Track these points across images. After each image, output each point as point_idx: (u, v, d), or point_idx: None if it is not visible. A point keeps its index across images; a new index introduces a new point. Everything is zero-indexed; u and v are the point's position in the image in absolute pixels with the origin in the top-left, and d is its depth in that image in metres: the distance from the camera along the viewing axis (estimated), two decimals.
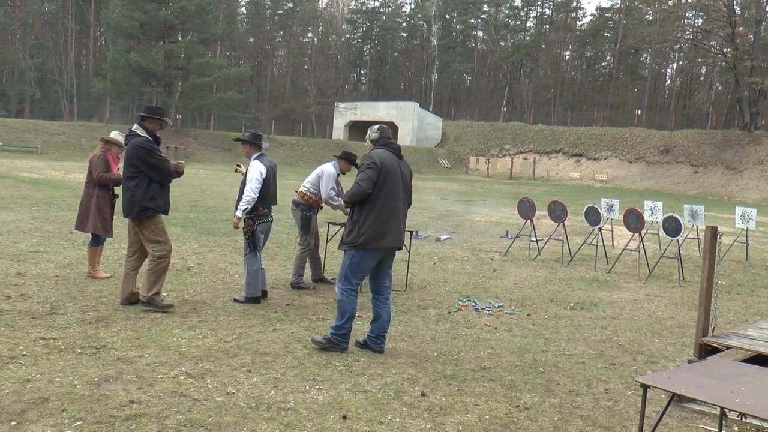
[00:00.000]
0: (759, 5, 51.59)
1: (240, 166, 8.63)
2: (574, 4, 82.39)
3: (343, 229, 7.25)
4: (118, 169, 8.92)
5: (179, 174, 7.49)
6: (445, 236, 15.76)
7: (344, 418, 4.57)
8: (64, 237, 11.69)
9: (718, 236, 5.52)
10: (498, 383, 5.56)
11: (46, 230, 12.33)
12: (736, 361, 4.56)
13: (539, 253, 13.63)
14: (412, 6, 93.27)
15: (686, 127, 55.29)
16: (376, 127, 6.68)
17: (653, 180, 47.02)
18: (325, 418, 4.55)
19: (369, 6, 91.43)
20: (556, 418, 4.84)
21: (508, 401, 5.14)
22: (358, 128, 63.13)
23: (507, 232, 17.14)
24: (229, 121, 62.39)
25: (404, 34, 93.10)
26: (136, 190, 7.18)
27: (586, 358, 6.57)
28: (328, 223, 10.19)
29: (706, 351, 5.50)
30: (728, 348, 5.52)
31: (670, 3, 65.03)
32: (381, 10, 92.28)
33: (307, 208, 9.04)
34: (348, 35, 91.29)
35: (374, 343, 6.28)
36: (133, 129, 7.37)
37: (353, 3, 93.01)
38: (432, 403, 4.98)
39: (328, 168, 8.97)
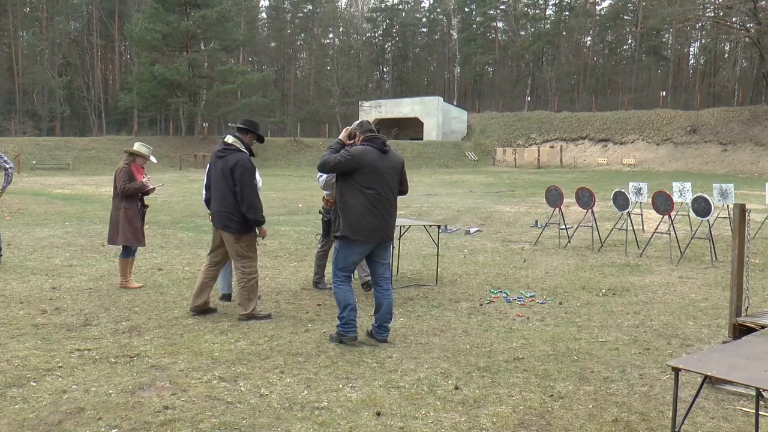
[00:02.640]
0: None
1: None
2: None
3: None
4: (145, 177, 9.01)
5: None
6: (475, 229, 15.71)
7: (378, 414, 4.57)
8: (97, 250, 11.84)
9: (747, 214, 5.42)
10: (531, 373, 5.53)
11: (79, 244, 12.51)
12: None
13: (569, 241, 13.53)
14: (431, 1, 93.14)
15: (712, 106, 54.45)
16: (356, 123, 6.71)
17: (682, 161, 46.42)
18: (359, 416, 4.56)
19: (388, 3, 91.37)
20: (590, 406, 4.80)
21: (542, 391, 5.10)
22: (383, 126, 63.11)
23: (537, 221, 17.03)
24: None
25: (424, 30, 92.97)
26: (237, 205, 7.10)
27: (619, 344, 6.51)
28: None
29: (740, 331, 5.41)
30: (763, 327, 5.43)
31: None
32: (400, 6, 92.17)
33: (326, 212, 8.59)
34: (369, 34, 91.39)
35: (377, 333, 6.44)
36: (229, 141, 7.26)
37: (372, 1, 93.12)
38: (466, 395, 4.97)
39: None
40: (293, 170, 43.87)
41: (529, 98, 70.85)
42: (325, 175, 7.71)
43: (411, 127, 62.01)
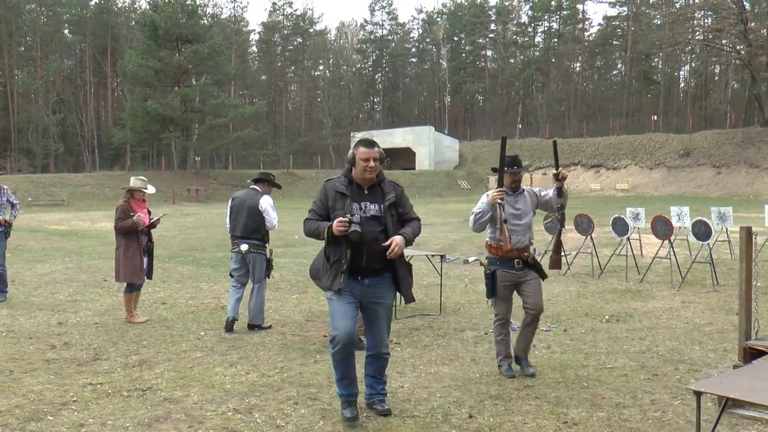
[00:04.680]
0: None
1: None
2: (581, 15, 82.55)
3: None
4: (148, 212, 9.01)
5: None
6: (473, 258, 15.78)
7: None
8: (99, 285, 11.86)
9: (754, 236, 5.52)
10: (543, 400, 5.57)
11: (81, 279, 12.53)
12: None
13: (569, 268, 13.59)
14: (420, 31, 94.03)
15: (704, 129, 54.97)
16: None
17: (675, 185, 46.72)
18: None
19: (377, 34, 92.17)
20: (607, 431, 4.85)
21: (555, 418, 5.14)
22: None
23: (535, 248, 17.08)
24: (247, 159, 62.96)
25: (414, 60, 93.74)
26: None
27: (627, 370, 6.55)
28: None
29: (751, 355, 5.48)
30: None
31: (677, 5, 65.07)
32: (389, 37, 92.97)
33: (491, 261, 8.11)
34: (359, 65, 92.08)
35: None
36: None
37: (362, 33, 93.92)
38: (481, 424, 5.00)
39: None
40: (287, 202, 43.85)
41: (520, 125, 71.31)
42: (478, 209, 6.18)
43: (403, 157, 62.31)
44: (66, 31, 79.69)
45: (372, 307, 5.15)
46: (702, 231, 11.41)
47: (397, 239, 4.94)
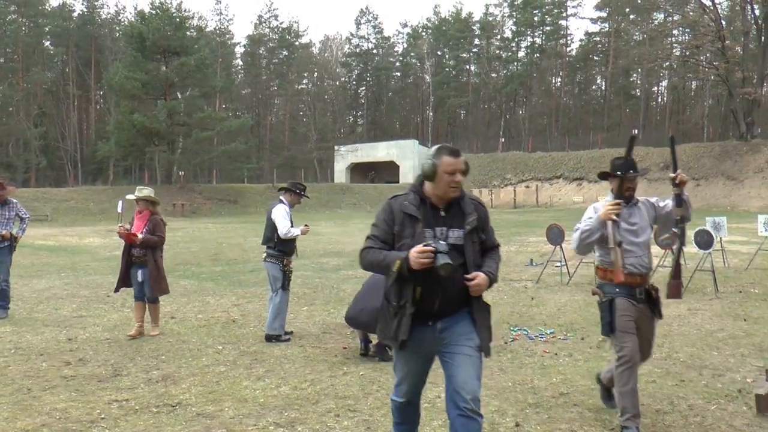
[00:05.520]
0: (745, 17, 52.32)
1: None
2: (563, 31, 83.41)
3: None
4: (147, 224, 8.77)
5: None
6: None
7: None
8: (103, 300, 11.71)
9: None
10: (583, 408, 5.56)
11: (83, 295, 12.36)
12: None
13: (570, 278, 13.63)
14: (405, 45, 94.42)
15: (683, 143, 55.52)
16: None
17: (657, 197, 46.98)
18: None
19: (362, 48, 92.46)
20: None
21: (602, 425, 5.14)
22: (359, 170, 63.51)
23: (531, 260, 17.17)
24: (231, 173, 62.75)
25: (398, 74, 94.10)
26: None
27: (654, 376, 6.57)
28: None
29: None
30: None
31: (657, 22, 66.01)
32: (374, 51, 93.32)
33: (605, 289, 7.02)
34: (343, 78, 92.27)
35: None
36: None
37: (347, 47, 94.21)
38: (528, 431, 4.98)
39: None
40: None
41: (503, 139, 71.68)
42: (586, 227, 5.04)
43: (387, 171, 62.43)
44: (48, 43, 79.04)
45: (451, 354, 3.94)
46: (704, 240, 11.54)
47: (483, 277, 3.86)
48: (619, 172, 5.09)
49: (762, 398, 5.33)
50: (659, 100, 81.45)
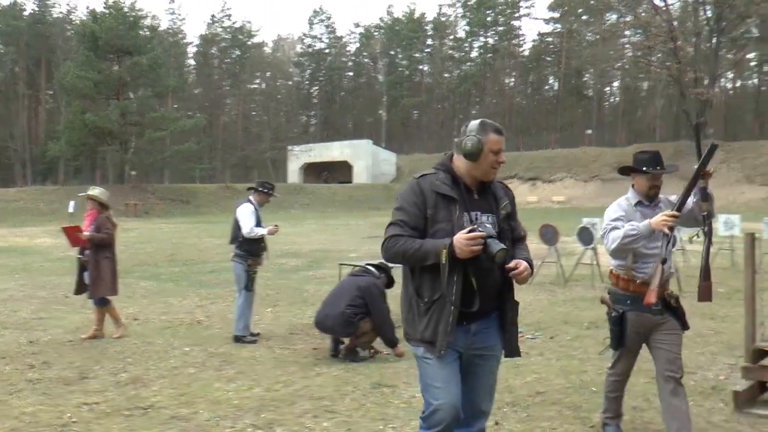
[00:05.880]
0: (697, 18, 53.49)
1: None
2: (516, 31, 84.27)
3: None
4: (92, 224, 8.58)
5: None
6: None
7: None
8: (62, 302, 11.41)
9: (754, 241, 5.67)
10: (561, 406, 5.59)
11: (41, 296, 12.06)
12: None
13: (533, 278, 13.73)
14: (358, 45, 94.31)
15: (635, 142, 56.54)
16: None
17: (610, 197, 46.59)
18: None
19: (315, 48, 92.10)
20: None
21: (581, 423, 5.18)
22: (313, 170, 63.26)
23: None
24: (184, 173, 61.99)
25: (351, 74, 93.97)
26: None
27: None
28: None
29: (758, 356, 5.65)
30: None
31: (609, 23, 67.11)
32: (327, 51, 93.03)
33: (616, 299, 6.44)
34: (296, 78, 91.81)
35: None
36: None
37: (299, 46, 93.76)
38: (511, 431, 4.99)
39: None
40: (227, 217, 43.07)
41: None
42: (632, 231, 4.43)
43: (340, 171, 62.30)
44: None
45: (477, 362, 3.58)
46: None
47: (526, 265, 3.46)
48: (645, 168, 4.62)
49: (739, 394, 5.42)
50: (612, 100, 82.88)
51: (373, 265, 8.05)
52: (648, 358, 7.20)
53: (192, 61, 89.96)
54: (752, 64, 66.43)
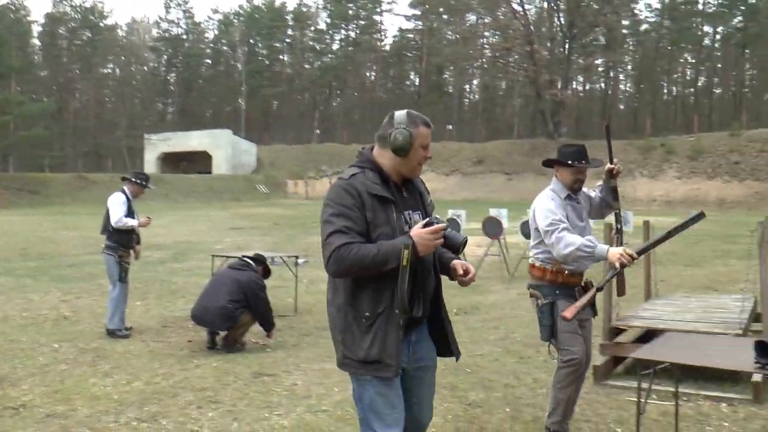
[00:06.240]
0: (552, 24, 56.17)
1: None
2: (378, 26, 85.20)
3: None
4: None
5: None
6: (303, 260, 15.89)
7: None
8: None
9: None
10: (439, 386, 5.83)
11: None
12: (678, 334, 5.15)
13: None
14: (216, 32, 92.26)
15: (494, 139, 58.67)
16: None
17: (470, 190, 49.49)
18: None
19: (172, 33, 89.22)
20: (508, 410, 5.26)
21: (458, 401, 5.47)
22: (171, 160, 61.49)
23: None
24: (31, 161, 58.69)
25: (209, 61, 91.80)
26: None
27: (497, 355, 7.04)
28: None
29: (614, 333, 6.20)
30: (631, 327, 6.31)
31: (469, 24, 69.24)
32: (184, 36, 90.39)
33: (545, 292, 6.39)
34: (152, 64, 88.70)
35: None
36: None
37: (155, 31, 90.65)
38: None
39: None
40: (80, 207, 41.34)
41: (318, 131, 72.16)
42: (589, 247, 4.31)
43: (200, 161, 60.87)
44: None
45: (419, 375, 3.37)
46: (529, 231, 12.38)
47: (470, 266, 3.36)
48: (570, 162, 4.58)
49: (598, 368, 5.92)
50: (471, 97, 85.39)
51: (249, 257, 8.10)
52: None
53: (37, 41, 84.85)
54: (600, 69, 70.54)
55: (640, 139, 45.85)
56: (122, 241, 8.21)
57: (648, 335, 6.52)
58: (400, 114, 3.21)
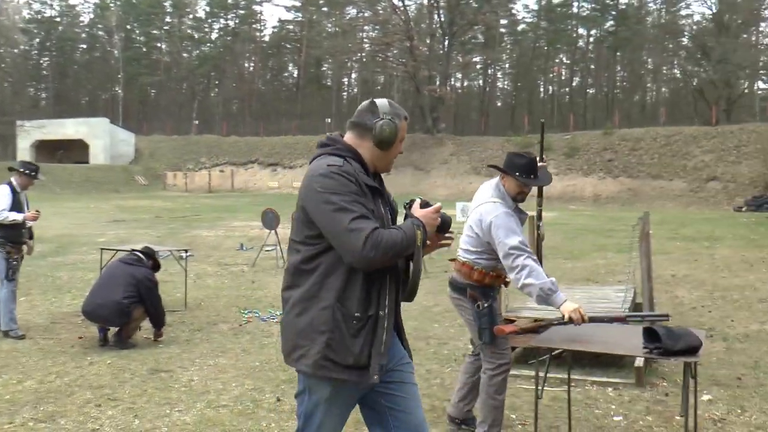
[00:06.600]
0: (431, 20, 57.25)
1: None
2: (257, 16, 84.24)
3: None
4: None
5: None
6: (187, 254, 15.73)
7: None
8: None
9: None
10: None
11: None
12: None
13: (285, 262, 14.15)
14: (92, 16, 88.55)
15: None
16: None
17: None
18: None
19: (45, 15, 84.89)
20: None
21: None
22: (46, 148, 58.77)
23: (242, 244, 17.58)
24: None
25: (84, 46, 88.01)
26: None
27: None
28: None
29: (504, 323, 6.61)
30: (519, 318, 6.76)
31: (348, 17, 69.58)
32: (58, 19, 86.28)
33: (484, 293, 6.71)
34: (23, 47, 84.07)
35: None
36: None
37: (26, 12, 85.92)
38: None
39: None
40: None
41: (196, 122, 70.77)
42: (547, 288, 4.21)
43: (76, 150, 58.53)
44: None
45: (398, 381, 3.04)
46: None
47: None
48: (518, 174, 4.45)
49: None
50: (350, 91, 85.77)
51: (139, 251, 8.04)
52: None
53: None
54: (478, 67, 72.57)
55: (518, 136, 47.45)
56: (9, 236, 7.90)
57: (536, 326, 6.93)
58: (383, 103, 3.05)
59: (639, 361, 5.93)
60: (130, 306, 7.16)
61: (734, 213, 31.20)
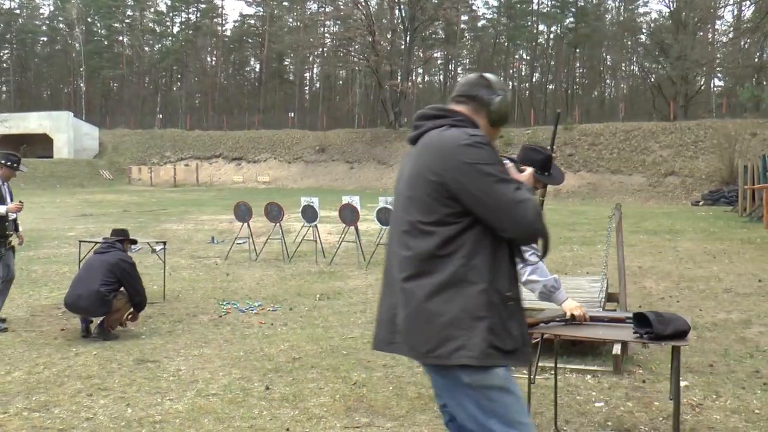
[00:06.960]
0: (393, 16, 57.48)
1: None
2: (219, 10, 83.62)
3: None
4: None
5: None
6: (160, 247, 15.73)
7: (219, 420, 4.93)
8: None
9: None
10: (321, 368, 6.23)
11: None
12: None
13: (257, 255, 14.25)
14: (52, 8, 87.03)
15: (335, 128, 59.30)
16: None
17: (313, 178, 49.93)
18: (201, 423, 4.88)
19: (4, 7, 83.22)
20: (391, 387, 5.69)
21: (343, 381, 5.85)
22: (8, 142, 57.64)
23: (213, 237, 17.61)
24: None
25: (45, 39, 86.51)
26: None
27: (368, 338, 7.43)
28: None
29: None
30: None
31: (310, 12, 69.47)
32: (18, 11, 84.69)
33: None
34: None
35: None
36: None
37: None
38: (282, 394, 5.52)
39: None
40: None
41: (160, 115, 70.15)
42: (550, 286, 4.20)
43: (39, 144, 57.58)
44: None
45: None
46: (386, 217, 12.94)
47: None
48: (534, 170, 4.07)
49: None
50: (312, 86, 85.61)
51: (110, 237, 8.17)
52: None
53: None
54: (439, 62, 73.00)
55: None
56: None
57: (537, 321, 7.06)
58: (495, 77, 2.90)
59: (616, 349, 6.16)
60: (109, 294, 7.22)
61: (692, 207, 31.85)
